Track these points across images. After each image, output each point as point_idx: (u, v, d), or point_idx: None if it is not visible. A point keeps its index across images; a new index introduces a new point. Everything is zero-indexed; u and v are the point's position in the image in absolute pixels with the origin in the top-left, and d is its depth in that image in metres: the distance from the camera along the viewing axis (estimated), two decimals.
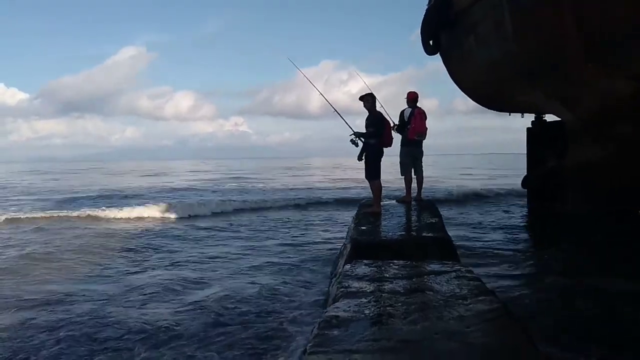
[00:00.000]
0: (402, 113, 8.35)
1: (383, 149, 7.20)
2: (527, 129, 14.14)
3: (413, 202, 8.39)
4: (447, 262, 4.67)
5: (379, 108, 7.31)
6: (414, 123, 8.16)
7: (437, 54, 12.51)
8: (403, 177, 8.52)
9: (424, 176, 8.80)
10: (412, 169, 8.51)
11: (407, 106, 8.37)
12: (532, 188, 13.83)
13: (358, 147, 7.10)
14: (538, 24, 7.81)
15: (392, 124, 7.94)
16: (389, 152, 7.36)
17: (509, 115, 14.56)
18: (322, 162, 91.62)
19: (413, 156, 8.44)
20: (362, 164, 7.24)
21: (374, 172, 7.16)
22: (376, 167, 7.15)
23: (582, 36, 7.10)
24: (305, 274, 7.11)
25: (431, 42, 12.17)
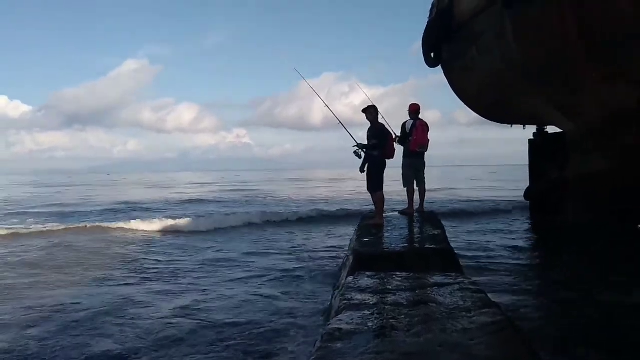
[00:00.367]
0: (404, 125, 8.37)
1: (385, 161, 7.19)
2: (529, 140, 14.17)
3: (415, 214, 8.37)
4: (450, 273, 4.64)
5: (380, 120, 7.32)
6: (415, 135, 8.18)
7: (439, 66, 12.58)
8: (405, 188, 8.52)
9: (426, 188, 8.79)
10: (415, 181, 8.52)
11: (409, 118, 8.41)
12: (535, 199, 13.82)
13: (361, 159, 7.11)
14: (539, 28, 7.80)
15: (394, 136, 7.96)
16: (391, 163, 7.37)
17: (510, 127, 14.61)
18: (325, 173, 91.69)
19: (415, 168, 8.44)
20: (364, 176, 7.23)
21: (377, 184, 7.15)
22: (379, 179, 7.14)
23: (584, 38, 7.09)
24: (308, 286, 7.09)
25: (432, 54, 12.26)
